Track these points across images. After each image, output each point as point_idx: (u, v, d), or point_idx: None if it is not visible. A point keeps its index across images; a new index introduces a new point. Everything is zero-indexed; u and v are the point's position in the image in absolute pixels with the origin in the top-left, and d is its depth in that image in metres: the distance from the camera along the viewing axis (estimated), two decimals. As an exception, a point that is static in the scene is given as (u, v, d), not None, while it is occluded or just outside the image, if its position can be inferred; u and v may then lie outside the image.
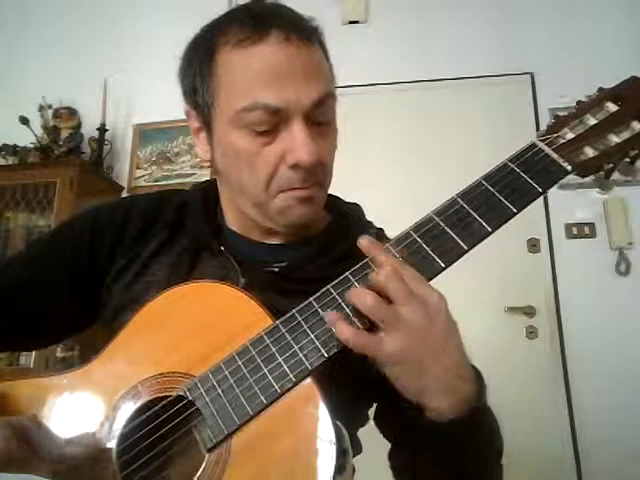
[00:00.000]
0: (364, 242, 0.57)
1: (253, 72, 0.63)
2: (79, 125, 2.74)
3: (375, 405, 0.74)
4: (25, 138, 2.67)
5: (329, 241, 0.75)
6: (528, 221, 2.36)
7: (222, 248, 0.73)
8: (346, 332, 0.53)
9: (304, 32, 0.66)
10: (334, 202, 0.82)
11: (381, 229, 0.81)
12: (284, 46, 0.64)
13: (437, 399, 0.53)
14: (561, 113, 0.64)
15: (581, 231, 2.38)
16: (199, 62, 0.69)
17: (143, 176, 2.78)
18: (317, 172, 0.66)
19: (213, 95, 0.67)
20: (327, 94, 0.66)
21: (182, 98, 0.74)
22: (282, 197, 0.67)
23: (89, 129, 2.75)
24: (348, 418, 0.56)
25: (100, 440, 0.58)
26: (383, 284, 0.53)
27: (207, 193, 0.80)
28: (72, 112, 2.75)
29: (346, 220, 0.79)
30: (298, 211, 0.68)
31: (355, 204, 0.84)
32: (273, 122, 0.64)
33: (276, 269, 0.71)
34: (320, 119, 0.66)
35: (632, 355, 2.20)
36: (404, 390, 0.54)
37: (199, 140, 0.73)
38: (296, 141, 0.63)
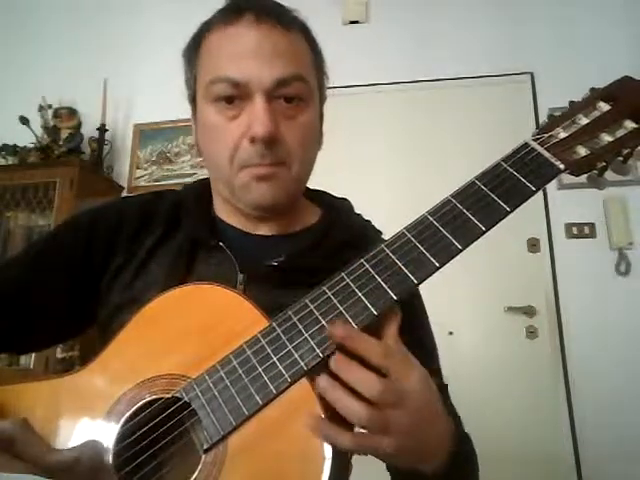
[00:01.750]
0: (337, 331, 0.53)
1: (223, 49, 0.68)
2: (79, 125, 2.74)
3: None
4: (25, 138, 2.67)
5: (323, 233, 0.76)
6: (528, 221, 2.36)
7: (220, 244, 0.73)
8: (347, 439, 0.51)
9: (280, 18, 0.69)
10: (323, 197, 0.84)
11: (369, 221, 0.83)
12: (254, 27, 0.67)
13: (426, 463, 0.54)
14: (556, 113, 0.65)
15: (581, 231, 2.38)
16: (190, 49, 0.74)
17: (143, 176, 2.78)
18: (277, 150, 0.67)
19: (196, 75, 0.72)
20: (295, 75, 0.68)
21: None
22: (243, 173, 0.68)
23: (89, 129, 2.76)
24: None
25: (97, 441, 0.58)
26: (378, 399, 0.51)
27: (200, 190, 0.81)
28: (72, 112, 2.75)
29: (337, 212, 0.80)
30: (258, 189, 0.69)
31: (344, 198, 0.86)
32: (237, 96, 0.67)
33: (275, 263, 0.71)
34: (288, 99, 0.68)
35: (632, 355, 2.20)
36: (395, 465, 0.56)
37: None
38: (253, 116, 0.66)
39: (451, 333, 2.23)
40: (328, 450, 0.51)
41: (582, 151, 0.61)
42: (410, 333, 0.59)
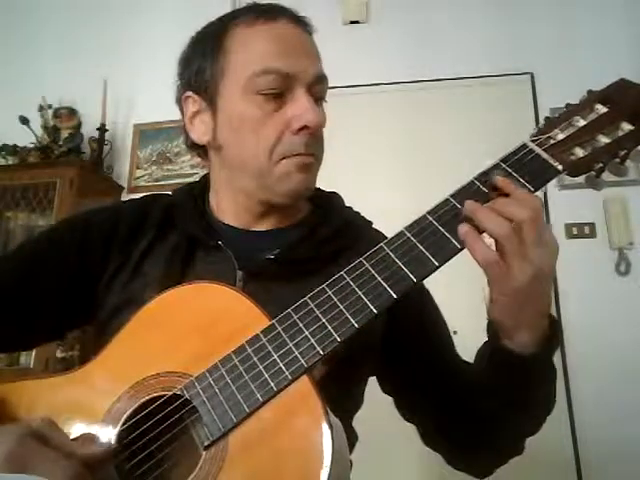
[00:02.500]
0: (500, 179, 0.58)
1: (265, 42, 0.71)
2: (79, 125, 2.73)
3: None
4: (25, 138, 2.67)
5: (315, 223, 0.78)
6: (528, 221, 2.35)
7: (220, 243, 0.73)
8: (482, 250, 0.55)
9: (306, 24, 0.76)
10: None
11: (358, 212, 0.86)
12: (292, 26, 0.73)
13: (526, 333, 0.59)
14: (554, 115, 0.66)
15: (581, 231, 2.37)
16: (207, 44, 0.75)
17: (143, 176, 2.77)
18: (318, 140, 0.72)
19: (223, 70, 0.72)
20: (325, 76, 0.74)
21: (178, 88, 0.79)
22: (284, 163, 0.71)
23: (89, 129, 2.75)
24: (344, 407, 0.56)
25: (99, 439, 0.58)
26: (522, 222, 0.55)
27: (192, 192, 0.82)
28: (72, 112, 2.74)
29: (328, 204, 0.83)
30: (298, 178, 0.71)
31: (333, 192, 0.88)
32: (281, 88, 0.70)
33: (271, 256, 0.72)
34: (317, 96, 0.73)
35: (632, 355, 2.19)
36: (503, 318, 0.61)
37: (194, 124, 0.76)
38: (303, 106, 0.69)
39: (455, 332, 2.23)
40: (328, 447, 0.51)
41: (580, 152, 0.62)
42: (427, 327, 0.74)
